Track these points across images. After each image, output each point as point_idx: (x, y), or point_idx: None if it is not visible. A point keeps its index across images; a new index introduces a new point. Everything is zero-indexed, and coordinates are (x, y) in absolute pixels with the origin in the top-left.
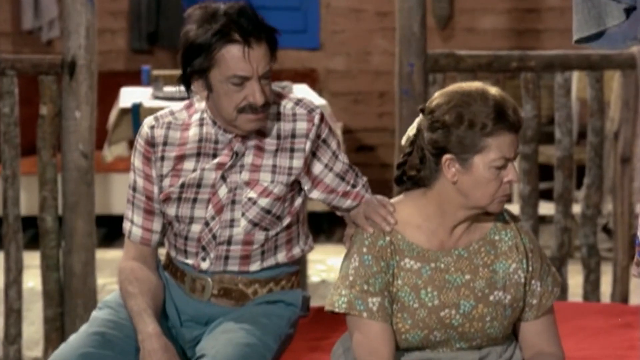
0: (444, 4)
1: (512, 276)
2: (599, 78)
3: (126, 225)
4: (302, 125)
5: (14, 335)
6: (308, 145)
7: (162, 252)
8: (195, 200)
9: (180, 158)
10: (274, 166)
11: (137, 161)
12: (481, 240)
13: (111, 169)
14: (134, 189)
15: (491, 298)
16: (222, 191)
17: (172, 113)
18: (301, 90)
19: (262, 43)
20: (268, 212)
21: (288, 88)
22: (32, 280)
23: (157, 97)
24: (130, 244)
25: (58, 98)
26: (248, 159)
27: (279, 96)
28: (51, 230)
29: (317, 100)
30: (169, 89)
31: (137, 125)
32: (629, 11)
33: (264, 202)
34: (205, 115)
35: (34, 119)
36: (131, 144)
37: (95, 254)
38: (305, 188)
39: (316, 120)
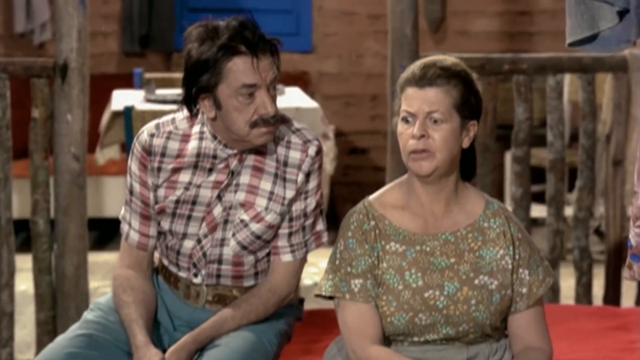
0: (436, 6)
1: (500, 262)
2: (591, 81)
3: (124, 227)
4: (295, 155)
5: (6, 339)
6: (300, 177)
7: (155, 255)
8: (189, 217)
9: (177, 170)
10: (271, 193)
11: (133, 165)
12: (469, 226)
13: (103, 172)
14: (131, 192)
15: (476, 282)
16: (217, 210)
17: (173, 122)
18: (293, 93)
19: (267, 54)
20: (258, 237)
21: (280, 90)
22: (24, 283)
23: (149, 100)
24: (126, 248)
25: (50, 101)
26: (245, 178)
27: (282, 120)
28: (43, 233)
29: (309, 103)
30: (161, 92)
31: (129, 128)
32: (622, 14)
33: (255, 227)
34: (205, 129)
35: (26, 121)
36: (123, 147)
37: (87, 257)
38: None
39: (310, 151)
